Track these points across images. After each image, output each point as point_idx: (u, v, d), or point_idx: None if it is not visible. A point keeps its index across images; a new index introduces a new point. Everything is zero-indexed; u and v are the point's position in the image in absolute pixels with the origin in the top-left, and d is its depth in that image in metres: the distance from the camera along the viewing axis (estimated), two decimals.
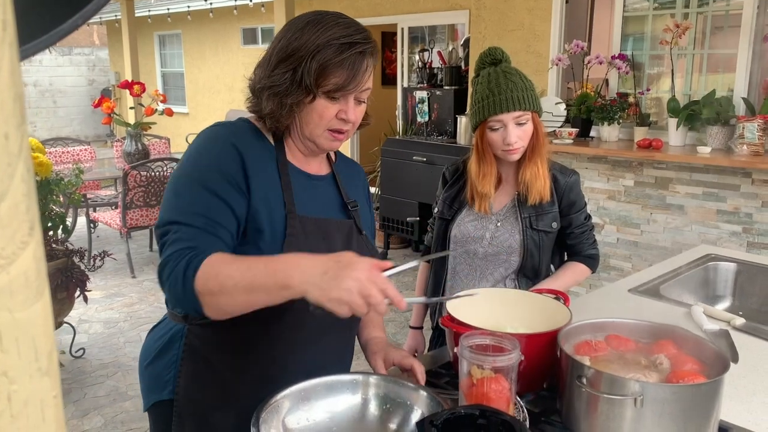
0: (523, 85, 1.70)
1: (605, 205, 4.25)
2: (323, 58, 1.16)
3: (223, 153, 1.18)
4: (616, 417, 1.07)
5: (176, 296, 1.06)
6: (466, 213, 1.86)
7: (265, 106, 1.20)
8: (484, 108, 1.71)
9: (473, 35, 5.45)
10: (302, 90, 1.18)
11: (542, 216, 1.80)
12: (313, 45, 1.16)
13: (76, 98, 13.55)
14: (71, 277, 3.43)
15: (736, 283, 2.18)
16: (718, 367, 1.11)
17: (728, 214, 3.74)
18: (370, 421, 1.12)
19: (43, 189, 3.36)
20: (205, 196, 1.14)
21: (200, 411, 1.27)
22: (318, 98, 1.19)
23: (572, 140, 4.31)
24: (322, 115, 1.21)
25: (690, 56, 4.35)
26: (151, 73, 11.18)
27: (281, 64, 1.19)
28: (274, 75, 1.19)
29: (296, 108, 1.20)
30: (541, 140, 1.76)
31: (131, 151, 5.48)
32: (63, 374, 3.56)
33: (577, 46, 4.44)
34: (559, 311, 1.36)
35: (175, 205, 1.15)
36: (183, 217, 1.12)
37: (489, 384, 1.04)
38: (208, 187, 1.14)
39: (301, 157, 1.31)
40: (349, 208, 1.36)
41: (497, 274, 1.84)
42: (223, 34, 9.42)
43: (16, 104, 0.25)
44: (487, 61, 1.76)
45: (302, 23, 1.20)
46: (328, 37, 1.16)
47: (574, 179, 1.86)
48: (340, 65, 1.16)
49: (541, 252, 1.81)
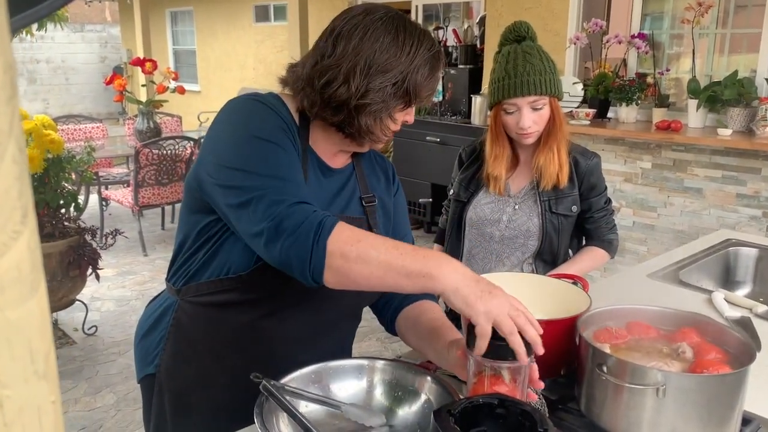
0: (542, 68, 1.64)
1: (622, 188, 4.19)
2: (424, 73, 1.15)
3: (267, 112, 1.14)
4: (637, 406, 1.04)
5: (299, 251, 0.98)
6: (483, 195, 1.82)
7: (363, 122, 1.15)
8: (499, 89, 1.67)
9: (489, 13, 5.35)
10: (398, 104, 1.16)
11: (562, 199, 1.76)
12: (417, 61, 1.13)
13: (88, 75, 13.54)
14: (83, 255, 3.44)
15: (757, 269, 2.14)
16: (743, 357, 1.08)
17: (748, 197, 3.67)
18: (377, 405, 1.10)
19: (55, 166, 3.35)
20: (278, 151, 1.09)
21: (178, 389, 1.27)
22: (408, 108, 1.19)
23: (589, 121, 4.24)
24: (397, 122, 1.20)
25: (712, 36, 4.25)
26: (163, 50, 11.14)
27: (379, 77, 1.12)
28: (372, 91, 1.12)
29: (389, 120, 1.18)
30: (558, 125, 1.71)
31: (143, 129, 5.46)
32: (75, 352, 3.58)
33: (596, 24, 4.35)
34: (578, 297, 1.33)
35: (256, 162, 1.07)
36: (278, 171, 1.06)
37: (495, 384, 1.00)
38: (278, 144, 1.10)
39: (325, 147, 1.25)
40: (364, 203, 1.30)
41: (514, 258, 1.81)
42: (236, 11, 9.34)
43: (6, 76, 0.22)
44: (510, 37, 1.70)
45: (390, 32, 1.13)
46: (425, 51, 1.15)
47: (595, 162, 1.82)
48: (434, 81, 1.19)
49: (560, 236, 1.78)
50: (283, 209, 1.00)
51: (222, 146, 1.12)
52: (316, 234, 0.98)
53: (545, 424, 0.84)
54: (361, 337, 3.70)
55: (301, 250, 0.98)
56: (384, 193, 1.37)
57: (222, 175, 1.09)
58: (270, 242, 1.00)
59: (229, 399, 1.23)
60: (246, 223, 1.05)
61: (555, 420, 1.15)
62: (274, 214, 1.00)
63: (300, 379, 1.07)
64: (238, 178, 1.06)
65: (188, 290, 1.23)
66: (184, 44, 11.08)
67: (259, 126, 1.11)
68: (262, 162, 1.07)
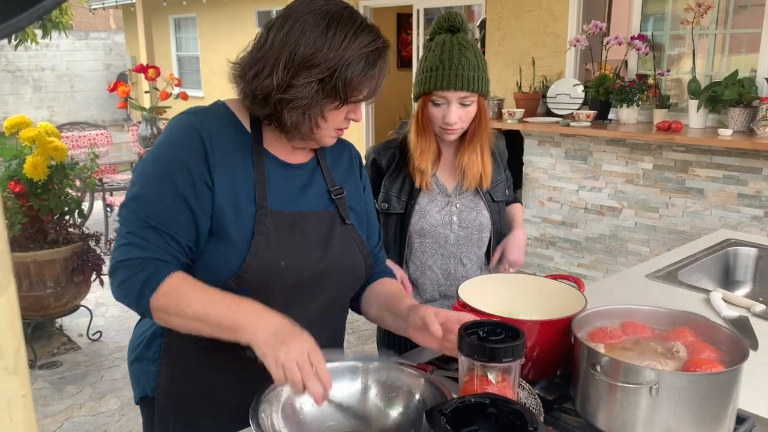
0: (476, 64, 1.59)
1: (623, 189, 4.19)
2: (357, 70, 1.10)
3: (187, 145, 1.13)
4: (631, 405, 1.04)
5: (127, 302, 1.13)
6: (425, 202, 1.71)
7: (287, 118, 1.13)
8: (430, 79, 1.58)
9: (490, 16, 5.36)
10: (328, 101, 1.12)
11: (497, 186, 1.78)
12: (347, 56, 1.09)
13: (93, 82, 13.60)
14: (87, 261, 3.46)
15: (757, 268, 2.14)
16: (736, 355, 1.08)
17: (749, 197, 3.66)
18: (371, 406, 1.11)
19: (58, 173, 3.37)
20: (169, 195, 1.12)
21: (181, 410, 1.25)
22: (344, 106, 1.15)
23: (590, 123, 4.24)
24: (337, 119, 1.18)
25: (712, 36, 4.25)
26: (167, 57, 11.19)
27: (303, 72, 1.09)
28: (296, 86, 1.09)
29: (319, 117, 1.15)
30: (483, 125, 1.66)
31: (147, 135, 5.49)
32: (80, 357, 3.60)
33: (596, 26, 4.35)
34: (573, 297, 1.33)
35: (141, 194, 1.14)
36: (146, 210, 1.12)
37: (487, 384, 1.00)
38: (175, 186, 1.12)
39: (280, 145, 1.23)
40: (333, 196, 1.28)
41: (472, 255, 1.77)
42: (238, 16, 9.38)
43: None
44: (444, 26, 1.63)
45: (319, 25, 1.10)
46: (359, 47, 1.10)
47: (501, 143, 1.85)
48: (371, 78, 1.13)
49: (503, 221, 1.79)
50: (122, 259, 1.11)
51: (143, 167, 1.17)
52: (141, 292, 1.09)
53: (535, 422, 0.85)
54: (364, 340, 3.70)
55: (129, 303, 1.13)
56: (352, 186, 1.35)
57: (130, 191, 1.16)
58: (110, 277, 1.14)
59: (232, 405, 1.22)
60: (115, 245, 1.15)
61: (551, 420, 1.15)
62: (116, 261, 1.11)
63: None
64: (130, 199, 1.14)
65: None
66: (187, 50, 11.12)
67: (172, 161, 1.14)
68: (156, 203, 1.12)
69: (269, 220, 1.17)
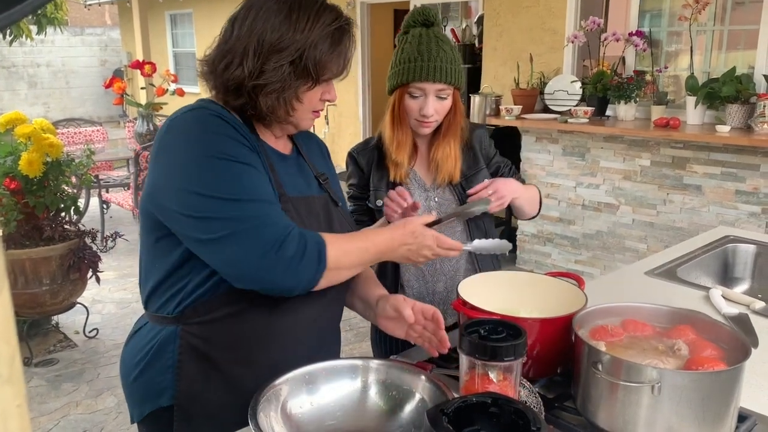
0: (452, 57, 1.58)
1: (621, 186, 4.19)
2: (324, 48, 1.14)
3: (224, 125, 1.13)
4: (633, 404, 1.04)
5: (305, 275, 1.09)
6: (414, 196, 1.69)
7: (263, 103, 1.15)
8: (408, 71, 1.57)
9: (487, 12, 5.35)
10: (301, 82, 1.15)
11: (474, 177, 1.71)
12: (313, 36, 1.13)
13: (88, 79, 13.54)
14: (83, 258, 3.44)
15: (756, 265, 2.14)
16: (738, 354, 1.08)
17: (747, 194, 3.66)
18: (371, 405, 1.10)
19: (54, 170, 3.35)
20: (250, 171, 1.11)
21: (207, 410, 1.22)
22: (316, 86, 1.18)
23: (587, 119, 4.24)
24: (312, 100, 1.20)
25: (710, 33, 4.24)
26: (163, 52, 11.14)
27: (273, 56, 1.12)
28: (267, 71, 1.12)
29: (294, 99, 1.17)
30: (458, 118, 1.66)
31: (143, 131, 5.47)
32: (76, 354, 3.59)
33: (594, 22, 4.34)
34: (574, 295, 1.33)
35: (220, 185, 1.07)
36: (249, 194, 1.08)
37: (489, 383, 1.00)
38: (247, 162, 1.11)
39: (270, 136, 1.27)
40: (321, 181, 1.34)
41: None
42: None
43: None
44: (419, 20, 1.62)
45: (282, 10, 1.12)
46: (323, 26, 1.14)
47: (481, 132, 1.77)
48: (338, 55, 1.17)
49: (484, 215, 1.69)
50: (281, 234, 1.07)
51: (182, 171, 1.09)
52: (319, 259, 1.10)
53: (538, 422, 0.84)
54: (361, 338, 3.70)
55: (308, 275, 1.10)
56: (330, 173, 1.41)
57: (189, 204, 1.07)
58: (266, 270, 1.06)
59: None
60: (227, 254, 1.06)
61: (552, 419, 1.14)
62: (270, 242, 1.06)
63: (293, 380, 1.07)
64: (212, 208, 1.06)
65: (194, 312, 1.18)
66: (183, 46, 11.07)
67: (219, 145, 1.10)
68: (236, 187, 1.08)
69: (290, 206, 1.20)
